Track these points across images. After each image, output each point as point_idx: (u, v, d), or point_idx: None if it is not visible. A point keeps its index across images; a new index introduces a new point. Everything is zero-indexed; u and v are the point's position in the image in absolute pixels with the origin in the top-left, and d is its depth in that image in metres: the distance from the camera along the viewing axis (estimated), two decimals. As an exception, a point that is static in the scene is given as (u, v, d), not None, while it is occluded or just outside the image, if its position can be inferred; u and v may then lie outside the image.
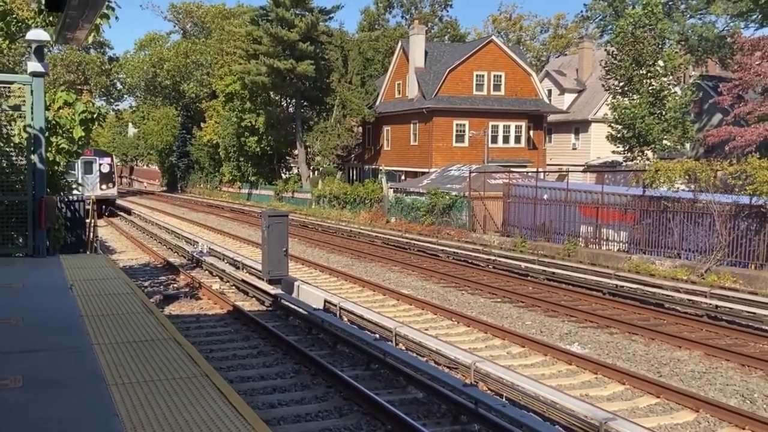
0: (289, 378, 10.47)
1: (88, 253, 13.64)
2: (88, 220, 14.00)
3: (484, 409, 8.46)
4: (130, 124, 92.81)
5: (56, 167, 13.49)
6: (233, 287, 18.30)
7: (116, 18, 11.38)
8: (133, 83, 78.38)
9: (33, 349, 5.94)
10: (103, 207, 40.89)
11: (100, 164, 43.33)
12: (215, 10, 75.42)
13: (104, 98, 74.66)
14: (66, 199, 14.18)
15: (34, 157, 10.74)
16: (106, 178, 43.45)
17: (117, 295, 8.42)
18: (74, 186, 16.23)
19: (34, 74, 10.40)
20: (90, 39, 10.73)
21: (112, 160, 45.63)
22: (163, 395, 4.88)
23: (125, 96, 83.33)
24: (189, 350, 6.08)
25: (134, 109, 78.31)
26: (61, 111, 12.61)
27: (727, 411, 9.33)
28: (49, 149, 12.42)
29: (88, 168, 42.19)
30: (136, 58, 77.95)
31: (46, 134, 11.36)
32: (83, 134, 12.86)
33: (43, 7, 12.39)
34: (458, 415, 8.80)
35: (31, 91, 10.50)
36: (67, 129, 13.18)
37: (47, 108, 12.05)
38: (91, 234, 13.86)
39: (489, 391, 9.75)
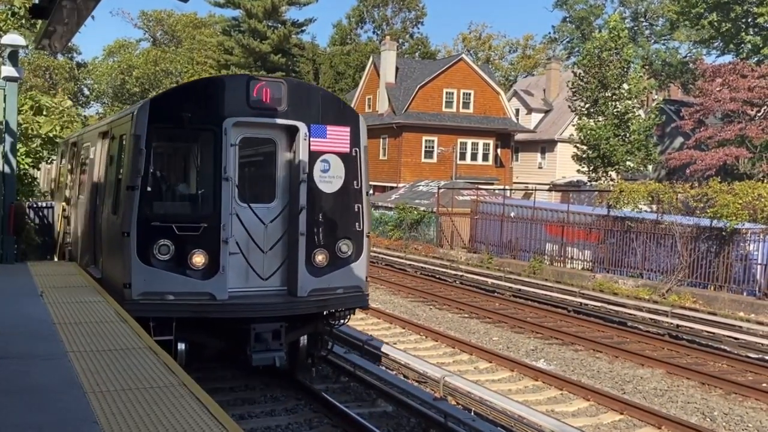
0: (258, 390, 10.45)
1: (56, 260, 13.46)
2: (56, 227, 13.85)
3: (453, 423, 8.57)
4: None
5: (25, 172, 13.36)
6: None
7: (91, 19, 11.41)
8: (100, 90, 77.47)
9: (7, 356, 5.89)
10: (307, 341, 10.11)
11: (314, 150, 9.56)
12: (186, 19, 75.01)
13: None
14: (34, 205, 13.99)
15: (5, 163, 10.64)
16: (333, 217, 9.95)
17: (88, 303, 8.37)
18: None
19: (8, 79, 10.34)
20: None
21: (356, 138, 9.92)
22: (142, 404, 4.89)
23: (92, 102, 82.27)
24: (165, 359, 6.09)
25: (101, 116, 77.40)
26: (33, 118, 12.53)
27: (689, 428, 9.57)
28: (19, 155, 12.31)
29: (255, 172, 10.20)
30: (105, 64, 77.11)
31: (18, 139, 11.27)
32: (49, 128, 12.77)
33: (16, 10, 12.32)
34: (428, 429, 8.89)
35: (4, 96, 10.41)
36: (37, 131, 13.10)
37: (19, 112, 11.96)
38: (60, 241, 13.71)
39: (458, 406, 9.87)
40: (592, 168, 38.20)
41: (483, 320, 17.12)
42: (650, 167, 41.61)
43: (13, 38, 10.20)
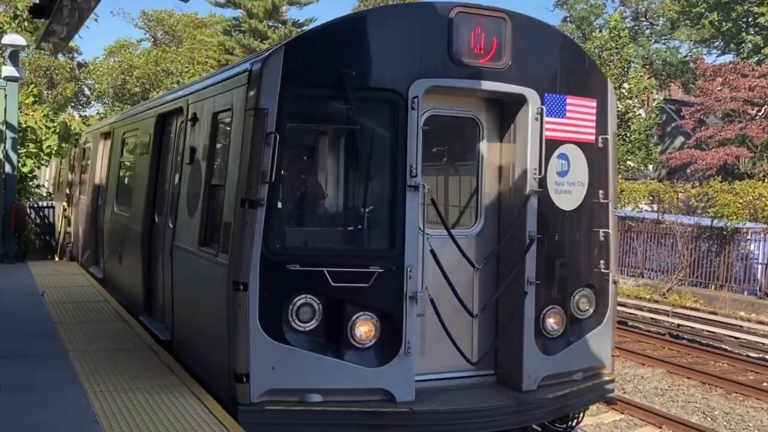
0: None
1: (56, 259, 13.48)
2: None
3: (454, 423, 8.53)
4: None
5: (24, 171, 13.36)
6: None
7: (94, 21, 11.43)
8: (101, 90, 77.51)
9: (8, 355, 5.90)
10: None
11: (549, 138, 5.76)
12: (187, 18, 74.99)
13: (72, 104, 73.82)
14: (35, 205, 13.99)
15: (5, 163, 10.65)
16: (571, 252, 6.06)
17: (89, 302, 8.39)
18: None
19: (9, 79, 10.34)
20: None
21: (603, 119, 6.00)
22: (143, 403, 4.90)
23: (93, 102, 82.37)
24: (166, 359, 6.10)
25: (102, 116, 77.55)
26: (32, 114, 12.53)
27: (690, 428, 9.56)
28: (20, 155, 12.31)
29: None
30: (105, 64, 77.13)
31: (18, 139, 11.28)
32: (56, 143, 12.80)
33: (19, 12, 12.34)
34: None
35: (5, 96, 10.42)
36: (35, 133, 13.08)
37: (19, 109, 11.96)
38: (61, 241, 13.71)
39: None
40: (592, 168, 38.16)
41: (484, 320, 17.11)
42: (651, 167, 41.62)
43: (14, 38, 10.20)
